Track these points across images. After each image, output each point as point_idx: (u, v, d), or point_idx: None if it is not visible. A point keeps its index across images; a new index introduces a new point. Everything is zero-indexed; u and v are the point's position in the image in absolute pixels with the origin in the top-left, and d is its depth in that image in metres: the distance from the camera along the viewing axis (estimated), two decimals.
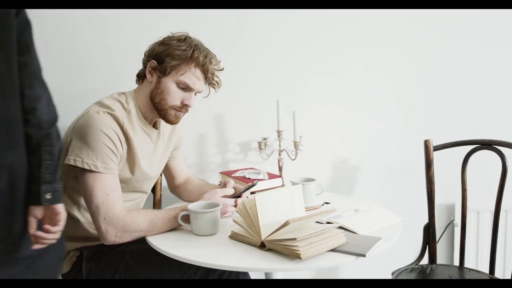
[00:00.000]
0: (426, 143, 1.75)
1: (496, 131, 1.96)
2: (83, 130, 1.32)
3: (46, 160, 0.95)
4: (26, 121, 0.93)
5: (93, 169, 1.29)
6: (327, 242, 1.16)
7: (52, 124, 0.97)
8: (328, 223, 1.32)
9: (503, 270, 2.10)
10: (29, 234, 0.96)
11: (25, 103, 0.93)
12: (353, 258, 1.14)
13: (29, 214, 0.96)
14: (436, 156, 1.75)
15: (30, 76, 0.94)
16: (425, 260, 1.77)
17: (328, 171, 2.03)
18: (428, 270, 1.68)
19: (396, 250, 1.51)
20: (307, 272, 2.11)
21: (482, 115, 2.06)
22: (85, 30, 1.79)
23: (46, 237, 0.98)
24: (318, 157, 1.99)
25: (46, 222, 0.99)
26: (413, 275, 1.64)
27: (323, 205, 1.57)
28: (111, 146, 1.32)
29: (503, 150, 1.65)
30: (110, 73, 1.82)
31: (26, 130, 0.93)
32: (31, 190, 0.95)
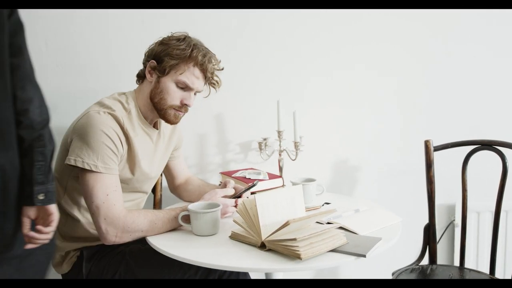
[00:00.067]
0: (427, 144, 1.75)
1: (496, 132, 1.96)
2: (84, 130, 1.32)
3: (38, 161, 0.96)
4: (19, 122, 0.93)
5: (93, 169, 1.29)
6: (328, 242, 1.15)
7: (44, 125, 0.97)
8: (328, 224, 1.31)
9: (504, 271, 2.10)
10: (23, 234, 0.97)
11: (17, 105, 0.93)
12: (353, 258, 1.14)
13: (22, 215, 0.97)
14: (436, 156, 1.75)
15: (22, 78, 0.94)
16: (425, 260, 1.77)
17: (328, 171, 2.03)
18: (428, 271, 1.68)
19: (396, 251, 1.51)
20: (308, 272, 2.11)
21: (482, 116, 2.06)
22: (85, 30, 1.78)
23: (39, 237, 0.99)
24: (318, 157, 1.99)
25: (39, 223, 0.99)
26: (413, 276, 1.64)
27: (324, 205, 1.57)
28: (112, 146, 1.32)
29: (504, 150, 1.65)
30: (110, 73, 1.82)
31: (18, 131, 0.94)
32: (24, 191, 0.96)
